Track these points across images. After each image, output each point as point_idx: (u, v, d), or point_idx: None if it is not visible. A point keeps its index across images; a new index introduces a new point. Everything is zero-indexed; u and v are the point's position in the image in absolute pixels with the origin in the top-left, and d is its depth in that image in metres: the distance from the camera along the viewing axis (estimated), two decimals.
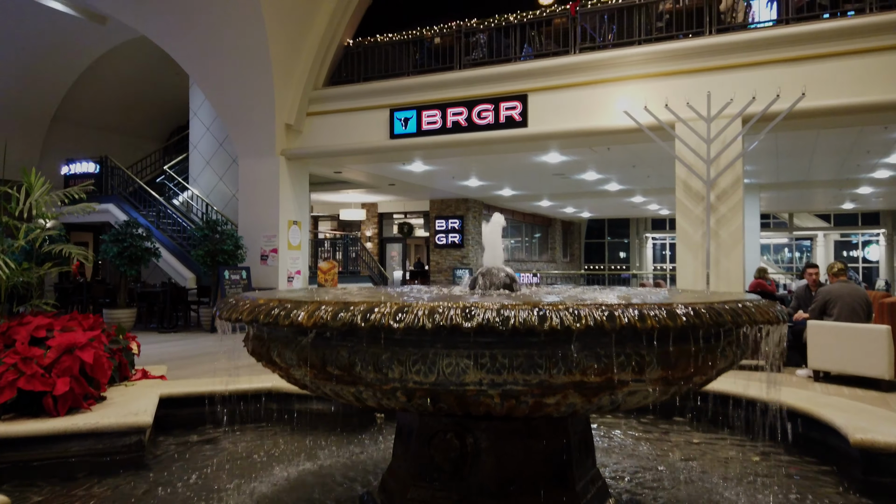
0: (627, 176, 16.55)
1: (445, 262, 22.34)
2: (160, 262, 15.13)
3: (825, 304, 7.66)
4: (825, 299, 7.69)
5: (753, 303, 2.14)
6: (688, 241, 10.11)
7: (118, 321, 12.78)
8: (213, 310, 2.36)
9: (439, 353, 1.95)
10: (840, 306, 7.53)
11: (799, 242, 32.97)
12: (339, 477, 3.52)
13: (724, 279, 9.80)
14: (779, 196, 20.32)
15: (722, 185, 9.79)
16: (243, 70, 12.66)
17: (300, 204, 14.03)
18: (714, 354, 2.13)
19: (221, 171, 16.84)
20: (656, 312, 1.86)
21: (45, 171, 17.62)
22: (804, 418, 3.89)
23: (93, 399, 3.87)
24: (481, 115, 11.57)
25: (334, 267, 15.07)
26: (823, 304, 7.69)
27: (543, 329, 1.78)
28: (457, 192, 20.55)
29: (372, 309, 1.90)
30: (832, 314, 7.58)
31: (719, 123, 9.37)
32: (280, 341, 2.27)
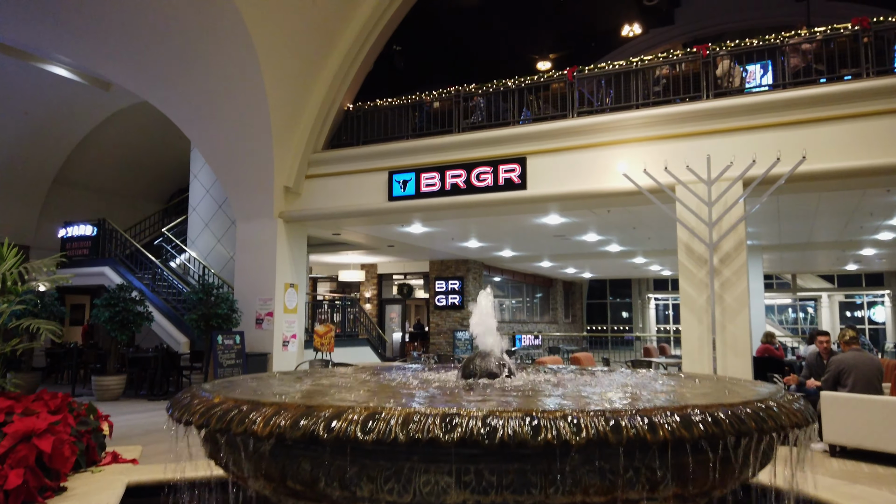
0: (628, 237, 16.40)
1: (445, 324, 21.97)
2: (154, 326, 14.83)
3: (839, 374, 7.33)
4: (839, 369, 7.36)
5: (778, 404, 1.88)
6: (692, 305, 9.83)
7: (107, 388, 12.41)
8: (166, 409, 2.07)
9: (416, 469, 1.67)
10: (854, 376, 7.19)
11: (803, 303, 32.62)
12: None
13: (730, 345, 9.49)
14: (781, 257, 20.12)
15: (725, 248, 9.58)
16: (243, 134, 12.67)
17: (297, 266, 13.83)
18: (736, 465, 1.85)
19: (220, 233, 16.72)
20: (669, 421, 1.59)
21: (43, 233, 17.66)
22: None
23: (50, 491, 3.55)
24: (480, 177, 11.49)
25: (331, 330, 14.74)
26: (837, 373, 7.35)
27: (537, 443, 1.51)
28: (456, 254, 20.38)
29: (338, 415, 1.64)
30: (846, 384, 7.24)
31: (720, 186, 9.24)
32: (236, 448, 1.99)
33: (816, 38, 9.66)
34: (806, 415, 1.92)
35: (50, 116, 16.35)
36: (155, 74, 12.52)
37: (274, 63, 11.82)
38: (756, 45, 9.96)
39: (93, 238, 16.92)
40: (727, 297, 9.55)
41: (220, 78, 12.04)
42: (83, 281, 16.89)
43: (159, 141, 19.19)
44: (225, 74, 11.94)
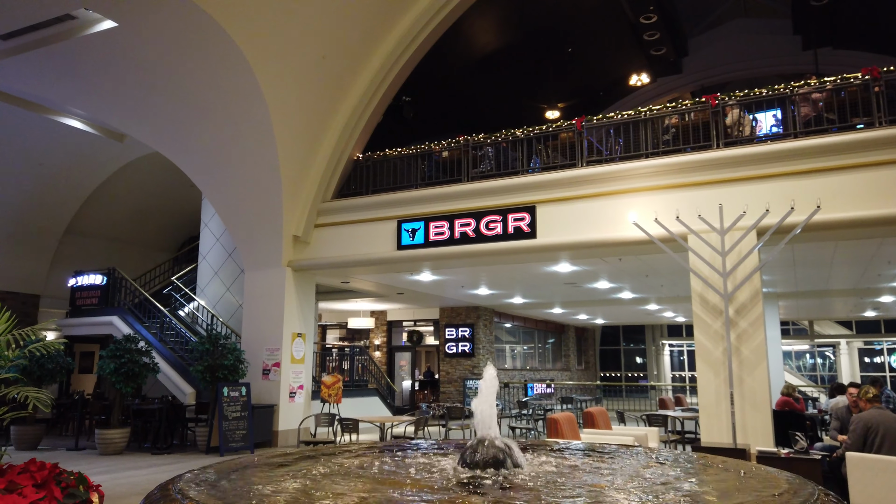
0: (640, 285, 16.18)
1: (456, 372, 21.63)
2: (160, 376, 14.65)
3: (866, 434, 6.99)
4: (866, 427, 7.03)
5: None
6: (708, 357, 9.56)
7: (110, 442, 12.16)
8: None
9: None
10: (881, 436, 6.86)
11: (821, 350, 31.98)
12: None
13: (748, 399, 9.18)
14: (798, 304, 19.76)
15: (740, 298, 9.35)
16: (253, 185, 12.72)
17: (305, 315, 13.69)
18: None
19: (229, 281, 16.66)
20: None
21: (53, 282, 17.68)
22: None
23: None
24: (489, 226, 11.40)
25: (338, 381, 14.51)
26: (864, 433, 7.01)
27: None
28: (466, 301, 20.20)
29: None
30: (874, 444, 6.91)
31: (733, 236, 9.07)
32: None
33: (826, 88, 9.60)
34: None
35: (64, 167, 16.54)
36: (168, 127, 12.66)
37: (284, 115, 11.92)
38: (766, 95, 9.91)
39: (102, 287, 16.91)
40: (744, 350, 9.28)
41: (231, 130, 12.14)
42: (92, 330, 16.82)
43: (171, 190, 19.34)
44: (236, 127, 12.04)
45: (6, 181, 15.90)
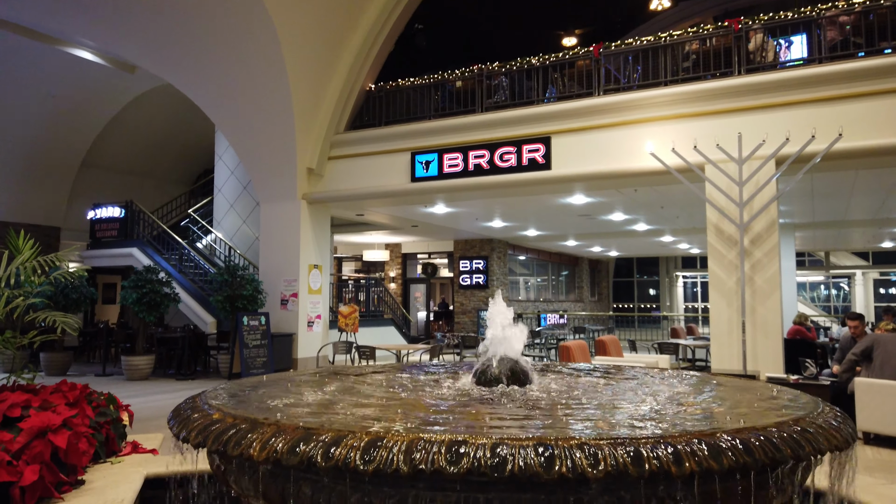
0: (655, 217, 16.08)
1: (470, 304, 21.91)
2: (181, 307, 14.99)
3: (870, 350, 7.15)
4: (871, 342, 7.18)
5: (817, 426, 1.73)
6: (721, 287, 9.59)
7: (136, 368, 12.59)
8: (169, 426, 2.00)
9: (421, 497, 1.57)
10: (884, 356, 7.00)
11: (836, 281, 31.91)
12: None
13: (760, 328, 9.25)
14: (814, 235, 19.61)
15: (756, 229, 9.30)
16: (266, 116, 12.62)
17: (321, 247, 13.82)
18: (768, 492, 1.71)
19: (245, 213, 16.77)
20: (696, 450, 1.46)
21: (73, 215, 17.89)
22: None
23: (68, 486, 3.54)
24: (504, 157, 11.29)
25: (355, 311, 14.77)
26: (869, 348, 7.17)
27: (551, 476, 1.40)
28: (481, 233, 20.23)
29: (337, 441, 1.54)
30: (875, 361, 7.05)
31: (751, 165, 8.94)
32: (236, 465, 1.91)
33: (855, 10, 9.23)
34: (846, 435, 1.78)
35: (76, 99, 16.46)
36: (178, 57, 12.49)
37: (295, 44, 11.69)
38: (791, 18, 9.55)
39: (121, 220, 17.11)
40: (758, 279, 9.29)
41: (243, 60, 11.96)
42: (112, 262, 17.14)
43: (184, 123, 19.25)
44: (247, 56, 11.86)
45: (20, 114, 15.90)
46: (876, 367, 7.07)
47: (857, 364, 7.28)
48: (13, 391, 3.87)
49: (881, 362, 7.03)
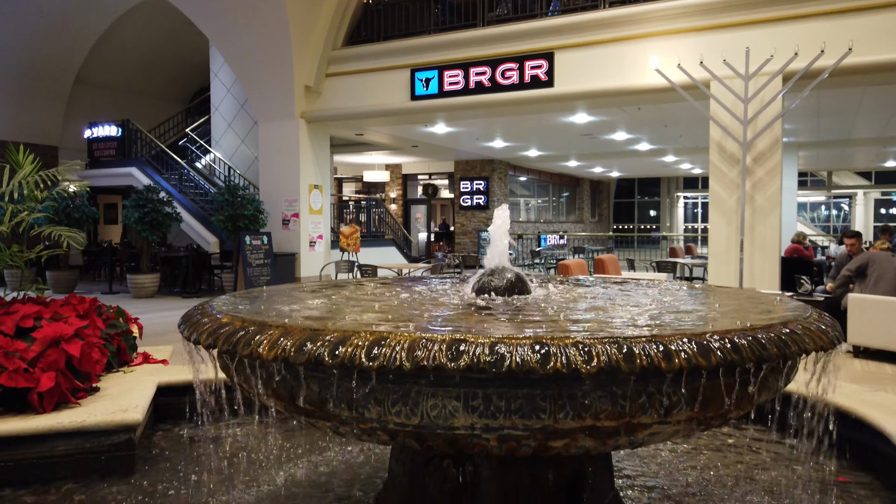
0: (658, 136, 15.91)
1: (470, 224, 22.00)
2: (183, 226, 15.05)
3: (865, 267, 7.28)
4: (870, 259, 7.30)
5: (804, 327, 1.80)
6: (721, 206, 9.61)
7: (142, 286, 12.79)
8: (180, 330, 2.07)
9: (423, 393, 1.65)
10: (878, 272, 7.13)
11: (837, 201, 31.87)
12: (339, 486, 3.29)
13: (758, 246, 9.33)
14: (818, 155, 19.44)
15: (759, 147, 9.23)
16: (261, 31, 12.26)
17: (321, 167, 13.75)
18: (755, 389, 1.80)
19: (243, 133, 16.58)
20: (685, 349, 1.53)
21: (69, 134, 17.68)
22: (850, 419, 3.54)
23: (84, 392, 3.69)
24: (505, 74, 11.06)
25: (356, 231, 14.85)
26: (864, 265, 7.30)
27: (546, 372, 1.47)
28: (481, 153, 20.07)
29: (343, 341, 1.60)
30: (870, 278, 7.19)
31: (758, 82, 8.77)
32: (246, 366, 2.00)
33: None
34: (832, 337, 1.85)
35: (65, 13, 15.95)
36: None
37: None
38: None
39: (118, 139, 16.94)
40: (758, 198, 9.30)
41: None
42: (112, 181, 17.09)
43: (177, 38, 18.72)
44: None
45: (10, 30, 15.45)
46: (870, 283, 7.21)
47: (850, 281, 7.42)
48: (24, 303, 3.96)
49: (875, 279, 7.16)
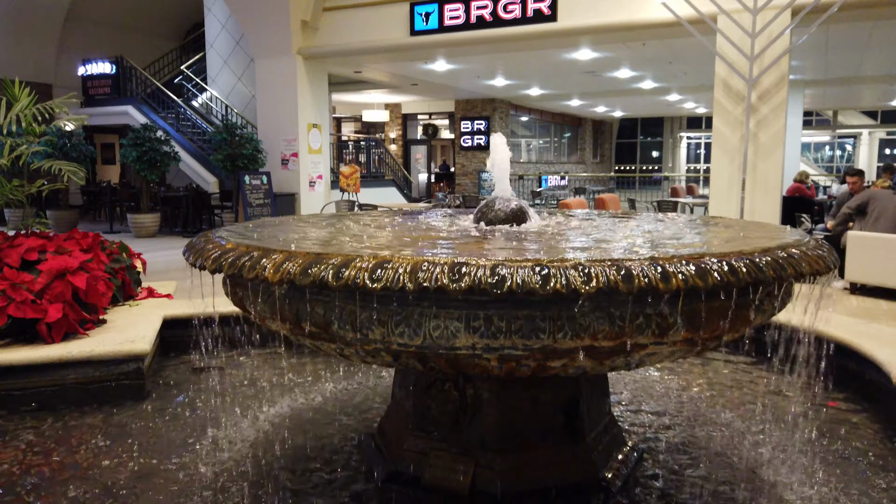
0: (663, 73, 15.61)
1: (471, 165, 21.84)
2: (182, 166, 14.96)
3: (865, 205, 7.28)
4: (868, 198, 7.30)
5: (801, 251, 1.82)
6: (724, 144, 9.53)
7: (143, 226, 12.82)
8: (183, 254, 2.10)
9: (425, 315, 1.68)
10: (879, 210, 7.13)
11: (841, 141, 31.54)
12: (341, 413, 3.39)
13: (760, 184, 9.30)
14: (824, 93, 19.12)
15: (765, 83, 9.08)
16: None
17: (319, 106, 13.56)
18: (751, 311, 1.83)
19: (239, 70, 16.27)
20: (683, 270, 1.55)
21: (63, 71, 17.37)
22: (844, 350, 3.61)
23: (91, 323, 3.75)
24: (507, 8, 10.78)
25: (356, 171, 14.76)
26: (864, 203, 7.30)
27: (546, 292, 1.50)
28: (482, 92, 19.74)
29: (346, 264, 1.63)
30: (870, 216, 7.19)
31: (766, 16, 8.55)
32: (251, 291, 2.03)
33: None
34: (828, 262, 1.87)
35: None
36: None
37: None
38: None
39: (113, 76, 16.63)
40: (762, 136, 9.21)
41: None
42: (108, 120, 16.87)
43: None
44: None
45: None
46: (869, 221, 7.21)
47: (850, 218, 7.43)
48: (28, 237, 3.99)
49: (875, 217, 7.16)
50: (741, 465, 2.77)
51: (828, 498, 2.47)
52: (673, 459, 2.80)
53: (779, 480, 2.63)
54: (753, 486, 2.59)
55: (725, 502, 2.43)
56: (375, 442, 2.79)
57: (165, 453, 2.91)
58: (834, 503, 2.44)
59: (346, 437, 3.02)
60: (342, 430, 3.11)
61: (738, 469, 2.73)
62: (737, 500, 2.46)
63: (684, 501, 2.44)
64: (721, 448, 2.94)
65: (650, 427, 3.17)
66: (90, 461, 2.83)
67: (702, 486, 2.56)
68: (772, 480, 2.64)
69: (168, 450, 2.95)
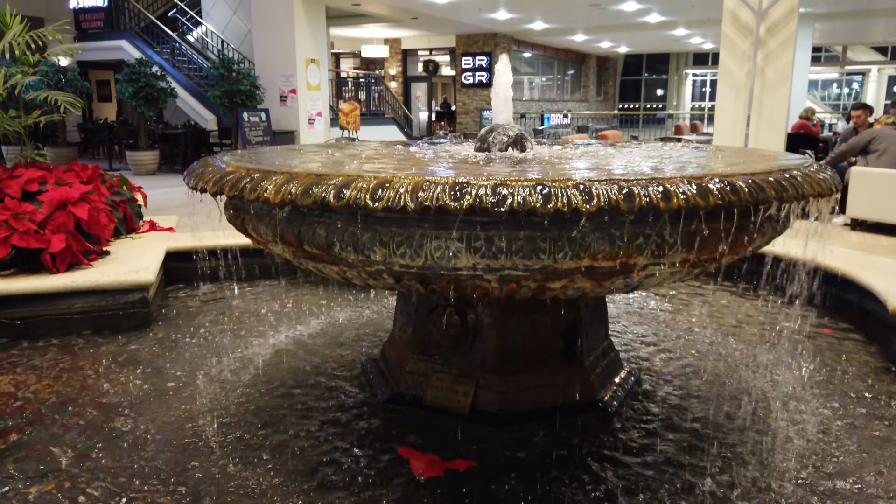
0: (670, 6, 15.19)
1: (472, 103, 21.52)
2: (180, 103, 14.74)
3: (869, 143, 7.23)
4: (871, 137, 7.25)
5: (804, 173, 1.81)
6: (731, 79, 9.36)
7: (142, 163, 12.73)
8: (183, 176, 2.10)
9: (427, 235, 1.69)
10: (883, 148, 7.08)
11: (849, 78, 30.96)
12: (344, 341, 3.45)
13: (765, 120, 9.18)
14: (834, 27, 18.64)
15: (774, 16, 8.85)
16: None
17: (317, 40, 13.26)
18: (750, 233, 1.84)
19: (235, 3, 15.86)
20: (685, 189, 1.55)
21: (54, 4, 16.89)
22: (841, 280, 3.65)
23: (95, 254, 3.78)
24: None
25: (356, 108, 14.56)
26: (867, 141, 7.25)
27: (547, 211, 1.50)
28: (484, 27, 19.26)
29: (347, 184, 1.62)
30: (876, 151, 7.15)
31: None
32: (254, 214, 2.03)
33: None
34: (830, 184, 1.86)
35: None
36: None
37: None
38: None
39: (105, 9, 16.20)
40: (769, 71, 9.03)
41: None
42: (102, 55, 16.52)
43: None
44: None
45: None
46: (873, 158, 7.16)
47: (847, 155, 7.41)
48: (27, 168, 3.97)
49: (880, 153, 7.10)
50: (736, 387, 2.84)
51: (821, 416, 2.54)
52: (669, 383, 2.87)
53: (771, 402, 2.70)
54: (748, 406, 2.66)
55: (721, 423, 2.50)
56: (378, 366, 2.86)
57: (174, 376, 2.99)
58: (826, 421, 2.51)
59: (349, 363, 3.09)
60: (345, 357, 3.18)
61: (733, 391, 2.80)
62: (734, 419, 2.53)
63: (680, 423, 2.51)
64: (717, 372, 3.01)
65: (647, 353, 3.23)
66: (103, 383, 2.91)
67: (697, 408, 2.63)
68: (765, 401, 2.71)
69: (176, 373, 3.03)
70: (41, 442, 2.41)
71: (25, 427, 2.52)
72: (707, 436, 2.41)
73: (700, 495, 2.03)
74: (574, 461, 2.23)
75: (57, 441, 2.41)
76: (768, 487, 2.08)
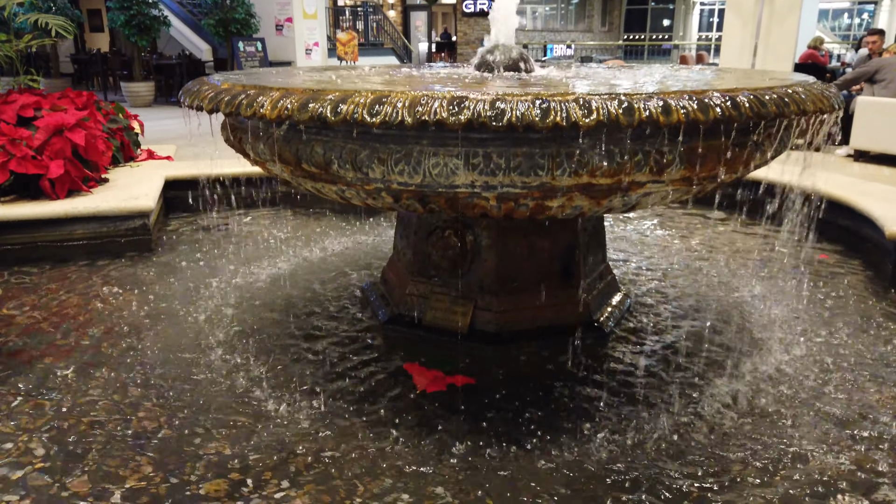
0: None
1: (473, 33, 20.98)
2: (173, 33, 14.38)
3: (875, 72, 7.11)
4: (878, 66, 7.13)
5: (805, 88, 1.78)
6: (738, 7, 9.10)
7: (138, 94, 12.52)
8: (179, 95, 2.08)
9: (425, 152, 1.68)
10: (889, 78, 6.96)
11: (861, 7, 30.08)
12: (346, 265, 3.48)
13: (772, 50, 8.97)
14: None
15: None
16: None
17: None
18: (750, 151, 1.83)
19: None
20: (685, 104, 1.53)
21: None
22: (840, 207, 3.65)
23: (94, 181, 3.77)
24: None
25: (354, 38, 14.24)
26: (875, 70, 7.13)
27: (546, 125, 1.49)
28: None
29: (344, 99, 1.61)
30: (880, 83, 7.03)
31: None
32: (251, 133, 2.02)
33: None
34: (833, 101, 1.84)
35: None
36: None
37: None
38: None
39: None
40: None
41: None
42: None
43: None
44: None
45: None
46: (879, 88, 7.05)
47: (854, 82, 7.31)
48: (21, 94, 3.91)
49: (887, 83, 6.98)
50: (730, 309, 2.89)
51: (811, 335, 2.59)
52: (664, 304, 2.92)
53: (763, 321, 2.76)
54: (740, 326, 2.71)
55: (714, 344, 2.56)
56: (378, 289, 2.90)
57: (178, 297, 3.04)
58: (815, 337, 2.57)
59: (351, 286, 3.13)
60: (347, 280, 3.22)
61: (727, 313, 2.85)
62: (725, 339, 2.59)
63: (673, 342, 2.56)
64: (711, 295, 3.05)
65: (644, 276, 3.27)
66: (108, 305, 2.96)
67: (690, 329, 2.68)
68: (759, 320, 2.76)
69: (179, 294, 3.08)
70: (49, 354, 2.48)
71: (32, 347, 2.57)
72: (695, 352, 2.47)
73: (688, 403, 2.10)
74: (569, 376, 2.30)
75: (61, 356, 2.48)
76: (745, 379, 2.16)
